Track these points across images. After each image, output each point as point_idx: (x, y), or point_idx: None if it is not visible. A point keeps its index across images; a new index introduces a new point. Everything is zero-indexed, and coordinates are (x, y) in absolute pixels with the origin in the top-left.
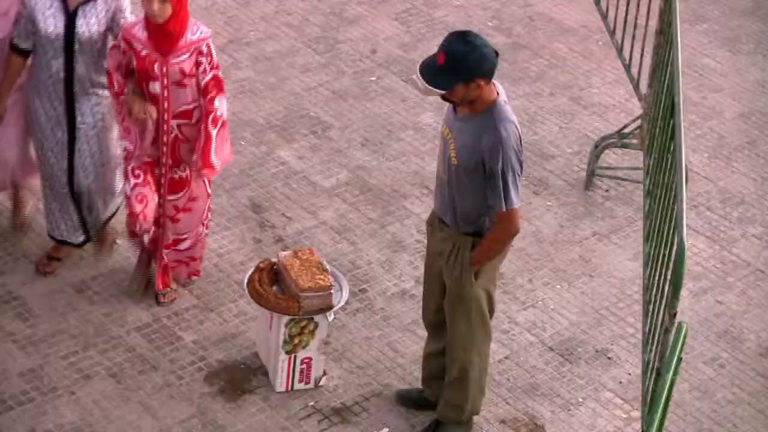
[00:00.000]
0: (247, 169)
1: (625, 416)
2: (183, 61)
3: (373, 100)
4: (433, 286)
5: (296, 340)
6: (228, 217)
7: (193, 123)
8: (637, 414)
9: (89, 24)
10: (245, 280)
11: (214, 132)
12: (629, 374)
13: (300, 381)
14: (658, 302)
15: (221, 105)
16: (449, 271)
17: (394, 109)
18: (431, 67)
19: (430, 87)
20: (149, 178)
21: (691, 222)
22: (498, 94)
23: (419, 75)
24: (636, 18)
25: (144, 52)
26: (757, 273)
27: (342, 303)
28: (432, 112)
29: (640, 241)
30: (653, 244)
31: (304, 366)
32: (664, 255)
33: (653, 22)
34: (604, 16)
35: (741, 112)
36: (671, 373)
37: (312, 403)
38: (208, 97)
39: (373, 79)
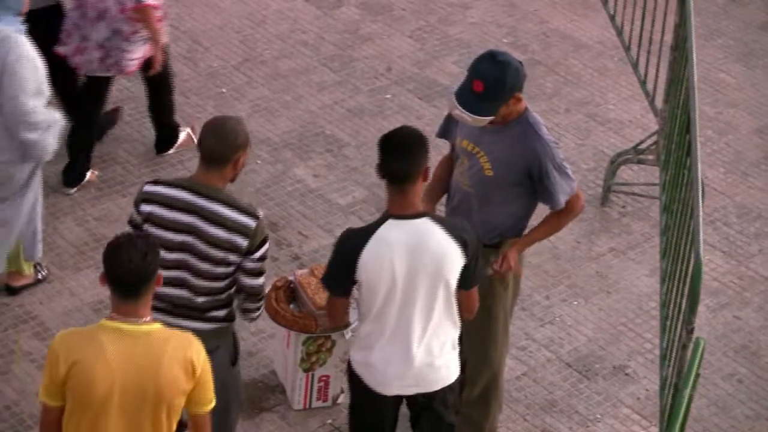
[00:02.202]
0: (263, 187)
1: None
2: None
3: (389, 117)
4: None
5: (314, 358)
6: None
7: None
8: (655, 430)
9: None
10: None
11: None
12: (647, 390)
13: (318, 399)
14: (675, 318)
15: None
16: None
17: None
18: (470, 97)
19: (478, 117)
20: None
21: (708, 237)
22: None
23: (462, 109)
24: (651, 34)
25: None
26: None
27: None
28: None
29: (657, 257)
30: (670, 259)
31: (322, 384)
32: (680, 270)
33: (668, 38)
34: (619, 32)
35: (757, 126)
36: (689, 388)
37: (330, 421)
38: None
39: (389, 96)
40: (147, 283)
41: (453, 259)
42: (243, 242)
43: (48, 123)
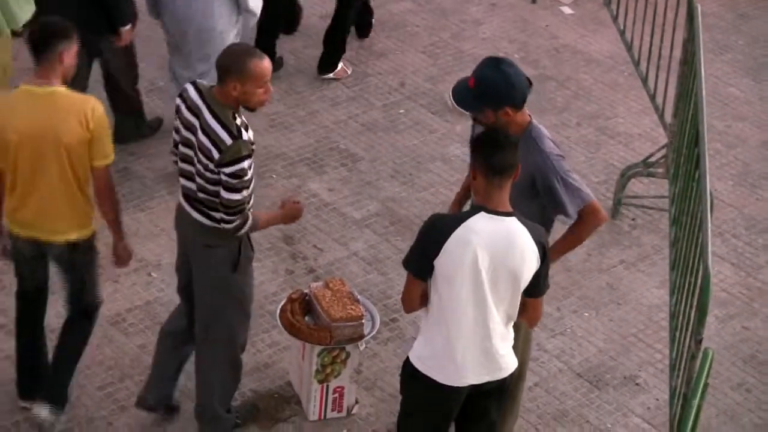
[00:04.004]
0: (279, 201)
1: None
2: None
3: (402, 132)
4: None
5: (328, 370)
6: (260, 249)
7: None
8: None
9: None
10: (278, 311)
11: None
12: (657, 400)
13: (333, 410)
14: (684, 329)
15: None
16: None
17: (422, 141)
18: (462, 89)
19: (458, 107)
20: None
21: (717, 249)
22: (530, 116)
23: (449, 94)
24: (660, 48)
25: None
26: None
27: (373, 332)
28: (459, 143)
29: (667, 269)
30: (679, 271)
31: (337, 395)
32: (690, 282)
33: (677, 52)
34: (629, 48)
35: (765, 139)
36: (698, 398)
37: (345, 431)
38: None
39: (402, 111)
40: (56, 39)
41: (532, 260)
42: (216, 154)
43: None
